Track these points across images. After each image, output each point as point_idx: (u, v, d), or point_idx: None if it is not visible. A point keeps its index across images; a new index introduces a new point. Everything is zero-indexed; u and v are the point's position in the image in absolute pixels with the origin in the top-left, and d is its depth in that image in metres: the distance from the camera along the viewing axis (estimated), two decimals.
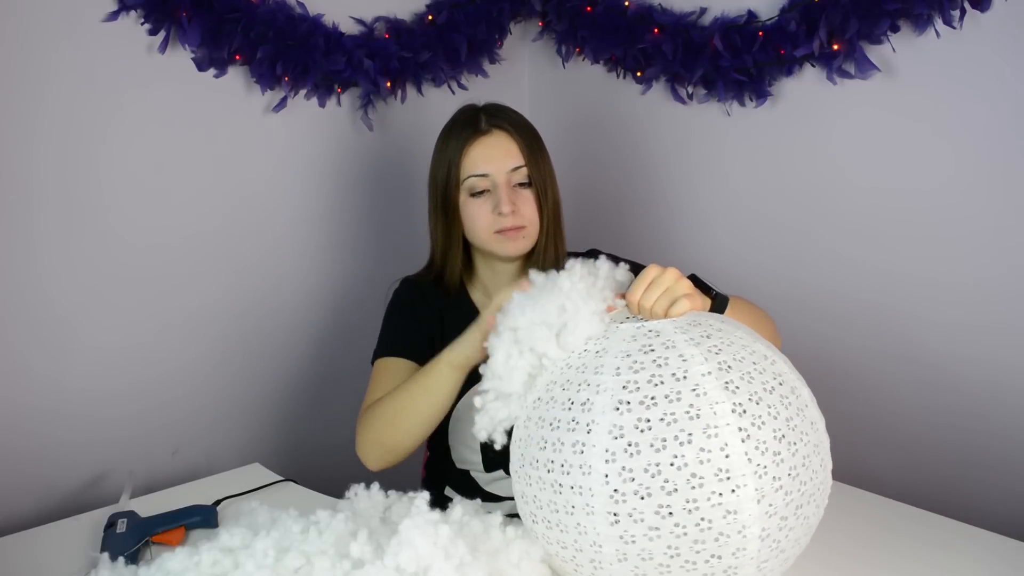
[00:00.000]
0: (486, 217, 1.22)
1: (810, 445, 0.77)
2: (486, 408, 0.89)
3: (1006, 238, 1.29)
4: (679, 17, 1.59)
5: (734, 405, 0.74)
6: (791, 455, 0.75)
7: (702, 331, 0.81)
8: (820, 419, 0.82)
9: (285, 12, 1.45)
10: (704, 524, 0.72)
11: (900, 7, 1.29)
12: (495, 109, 1.27)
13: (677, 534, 0.72)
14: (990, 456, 1.35)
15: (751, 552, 0.73)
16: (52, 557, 1.06)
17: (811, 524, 0.79)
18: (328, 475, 1.45)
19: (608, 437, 0.74)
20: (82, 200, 1.32)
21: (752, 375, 0.77)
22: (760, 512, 0.72)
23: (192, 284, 1.47)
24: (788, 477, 0.74)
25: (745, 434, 0.73)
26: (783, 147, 1.54)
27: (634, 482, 0.73)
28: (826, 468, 0.80)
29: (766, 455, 0.73)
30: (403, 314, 1.30)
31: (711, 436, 0.72)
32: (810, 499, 0.77)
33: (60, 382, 1.33)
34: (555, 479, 0.77)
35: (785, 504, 0.74)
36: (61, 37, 1.26)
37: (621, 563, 0.75)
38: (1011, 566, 0.94)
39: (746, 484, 0.72)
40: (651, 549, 0.73)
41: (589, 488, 0.74)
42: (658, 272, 0.90)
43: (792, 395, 0.79)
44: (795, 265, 1.56)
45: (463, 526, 0.85)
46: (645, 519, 0.72)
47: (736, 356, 0.78)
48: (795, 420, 0.77)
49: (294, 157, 1.58)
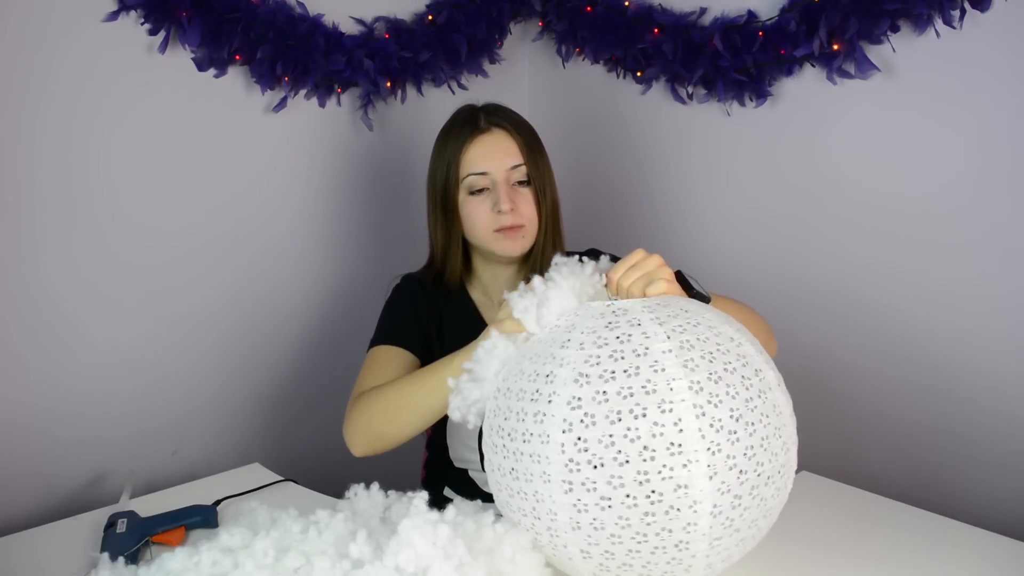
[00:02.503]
0: (485, 215, 1.23)
1: (770, 427, 0.78)
2: (459, 388, 0.92)
3: (1006, 238, 1.29)
4: (679, 17, 1.59)
5: (691, 383, 0.75)
6: (748, 435, 0.75)
7: (669, 311, 0.82)
8: (786, 403, 0.82)
9: (285, 12, 1.45)
10: (655, 496, 0.73)
11: (900, 7, 1.29)
12: (494, 108, 1.28)
13: (628, 505, 0.73)
14: (990, 456, 1.35)
15: (702, 528, 0.74)
16: (52, 557, 1.06)
17: (770, 506, 0.79)
18: (328, 475, 1.45)
19: (567, 408, 0.76)
20: (82, 200, 1.32)
21: (714, 355, 0.78)
22: (711, 489, 0.73)
23: (192, 283, 1.47)
24: (743, 457, 0.75)
25: (700, 411, 0.74)
26: (783, 147, 1.54)
27: (588, 452, 0.74)
28: (788, 451, 0.80)
29: (721, 433, 0.74)
30: (403, 306, 1.30)
31: (665, 411, 0.73)
32: (768, 480, 0.77)
33: (60, 382, 1.33)
34: (517, 447, 0.80)
35: (739, 483, 0.75)
36: (61, 37, 1.26)
37: (575, 532, 0.76)
38: (1011, 566, 0.94)
39: (698, 460, 0.73)
40: (603, 519, 0.75)
41: (547, 456, 0.77)
42: (642, 256, 0.93)
43: (755, 377, 0.79)
44: (795, 265, 1.56)
45: (457, 526, 0.85)
46: (598, 488, 0.74)
47: (700, 336, 0.79)
48: (755, 401, 0.77)
49: (294, 157, 1.58)
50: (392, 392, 1.11)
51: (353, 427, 1.13)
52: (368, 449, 1.12)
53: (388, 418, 1.10)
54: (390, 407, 1.10)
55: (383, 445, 1.12)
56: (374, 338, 1.27)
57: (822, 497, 1.13)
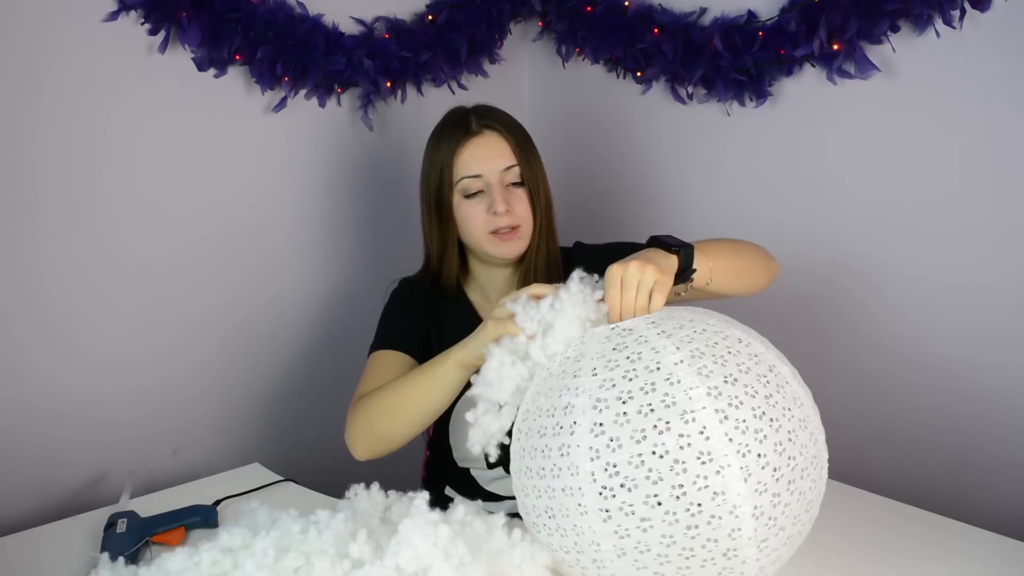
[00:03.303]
0: (481, 218, 1.23)
1: (795, 420, 0.77)
2: (479, 422, 0.91)
3: (1007, 237, 1.29)
4: (679, 17, 1.59)
5: (709, 388, 0.74)
6: (774, 431, 0.75)
7: (675, 323, 0.82)
8: (806, 394, 0.82)
9: (285, 12, 1.45)
10: (694, 508, 0.72)
11: (900, 7, 1.29)
12: (484, 110, 1.28)
13: (669, 522, 0.73)
14: (990, 456, 1.35)
15: (747, 532, 0.73)
16: (52, 557, 1.06)
17: (809, 499, 0.79)
18: (328, 475, 1.45)
19: (590, 436, 0.75)
20: (82, 200, 1.32)
21: (725, 358, 0.78)
22: (748, 490, 0.73)
23: (191, 283, 1.47)
24: (774, 453, 0.74)
25: (723, 415, 0.73)
26: (783, 147, 1.54)
27: (620, 475, 0.73)
28: (817, 442, 0.79)
29: (747, 434, 0.74)
30: (401, 311, 1.30)
31: (688, 421, 0.73)
32: (803, 473, 0.77)
33: (61, 382, 1.33)
34: (547, 484, 0.79)
35: (775, 480, 0.74)
36: (61, 37, 1.26)
37: (621, 559, 0.75)
38: (1011, 566, 0.94)
39: (730, 464, 0.72)
40: (646, 540, 0.73)
41: (579, 487, 0.75)
42: (622, 270, 0.89)
43: (770, 373, 0.79)
44: (795, 265, 1.55)
45: (465, 526, 0.85)
46: (636, 511, 0.73)
47: (709, 341, 0.79)
48: (775, 397, 0.77)
49: (294, 157, 1.58)
50: (391, 392, 1.11)
51: (354, 430, 1.13)
52: (370, 451, 1.12)
53: (388, 417, 1.10)
54: (390, 407, 1.10)
55: (385, 446, 1.12)
56: (374, 344, 1.27)
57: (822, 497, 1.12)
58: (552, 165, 1.32)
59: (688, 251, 1.00)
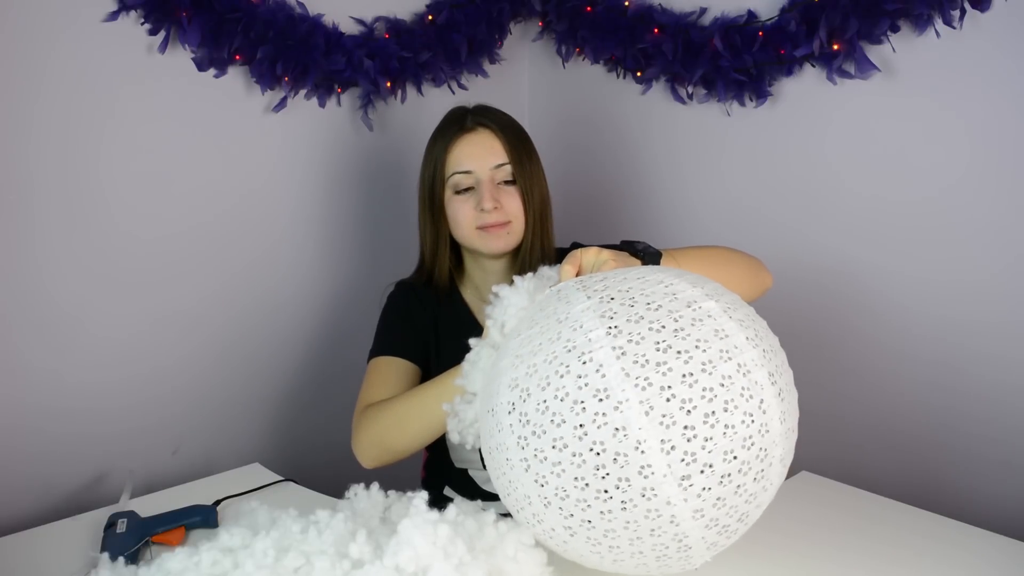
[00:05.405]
0: (469, 213, 1.23)
1: (713, 350, 0.73)
2: (454, 411, 0.94)
3: (1007, 237, 1.29)
4: (679, 17, 1.59)
5: (609, 328, 0.74)
6: (683, 363, 0.72)
7: (601, 278, 0.83)
8: (737, 330, 0.76)
9: (285, 12, 1.45)
10: (598, 447, 0.71)
11: (900, 7, 1.29)
12: (482, 109, 1.29)
13: (577, 463, 0.72)
14: (990, 456, 1.35)
15: (659, 468, 0.70)
16: (52, 557, 1.06)
17: (741, 435, 0.72)
18: (328, 475, 1.45)
19: (508, 391, 0.78)
20: (81, 200, 1.32)
21: (636, 299, 0.77)
22: (651, 424, 0.70)
23: (191, 283, 1.47)
24: (682, 385, 0.71)
25: (620, 351, 0.72)
26: (783, 147, 1.54)
27: (531, 424, 0.75)
28: (748, 375, 0.74)
29: (647, 367, 0.71)
30: (398, 315, 1.30)
31: (586, 362, 0.73)
32: (728, 406, 0.72)
33: (60, 382, 1.33)
34: (486, 447, 0.82)
35: (686, 413, 0.70)
36: (61, 37, 1.26)
37: (548, 508, 0.76)
38: (1011, 566, 0.94)
39: (628, 399, 0.71)
40: (563, 485, 0.74)
41: (504, 444, 0.78)
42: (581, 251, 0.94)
43: (687, 308, 0.76)
44: (795, 264, 1.56)
45: (457, 526, 0.85)
46: (547, 456, 0.74)
47: (623, 287, 0.79)
48: (688, 330, 0.74)
49: (294, 157, 1.58)
50: (400, 406, 1.11)
51: (363, 441, 1.13)
52: (378, 462, 1.13)
53: (398, 431, 1.10)
54: (399, 421, 1.10)
55: (393, 457, 1.13)
56: (373, 349, 1.27)
57: (822, 497, 1.13)
58: (552, 165, 1.31)
59: (654, 259, 1.01)
